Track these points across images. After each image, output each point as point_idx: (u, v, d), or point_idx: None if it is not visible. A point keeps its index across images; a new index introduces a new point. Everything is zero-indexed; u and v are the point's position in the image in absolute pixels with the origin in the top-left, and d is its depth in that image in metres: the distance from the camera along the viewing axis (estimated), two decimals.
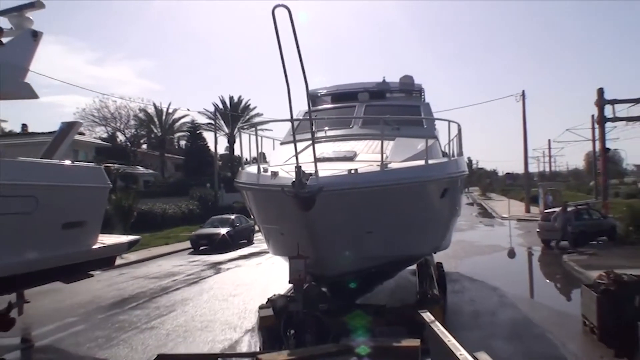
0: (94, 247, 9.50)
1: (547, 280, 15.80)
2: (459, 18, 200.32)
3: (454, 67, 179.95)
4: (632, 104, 31.70)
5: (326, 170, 6.64)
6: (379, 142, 7.94)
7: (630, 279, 9.01)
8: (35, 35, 9.04)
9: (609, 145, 34.08)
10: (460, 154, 10.13)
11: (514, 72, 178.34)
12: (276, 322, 7.12)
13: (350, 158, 8.04)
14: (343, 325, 6.96)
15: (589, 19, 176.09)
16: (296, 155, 6.24)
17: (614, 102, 32.10)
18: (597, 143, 36.59)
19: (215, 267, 18.70)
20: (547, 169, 73.96)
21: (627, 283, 8.78)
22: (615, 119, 32.87)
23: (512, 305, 11.70)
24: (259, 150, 8.59)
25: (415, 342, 5.42)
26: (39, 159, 9.09)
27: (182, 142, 63.18)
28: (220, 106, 54.98)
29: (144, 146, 60.71)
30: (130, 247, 11.37)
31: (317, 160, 6.37)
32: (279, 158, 8.57)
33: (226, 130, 55.98)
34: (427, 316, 5.51)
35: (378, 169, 7.08)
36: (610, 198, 39.29)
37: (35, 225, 7.95)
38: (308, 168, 6.28)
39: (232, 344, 9.10)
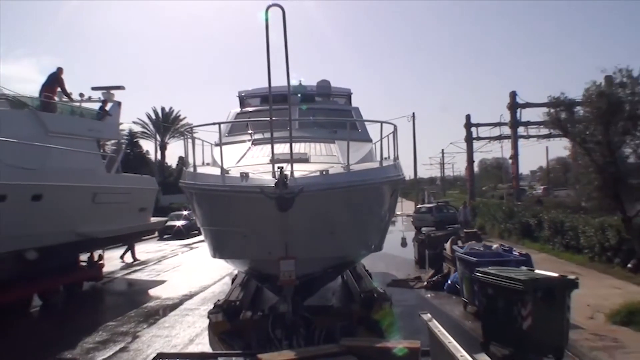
0: (149, 222, 16.83)
1: (411, 248, 24.60)
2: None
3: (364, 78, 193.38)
4: (492, 126, 43.33)
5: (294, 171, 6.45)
6: (320, 144, 8.82)
7: (434, 235, 17.82)
8: (119, 105, 16.13)
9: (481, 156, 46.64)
10: (397, 157, 9.61)
11: (426, 87, 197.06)
12: (229, 326, 7.25)
13: (306, 160, 8.01)
14: (329, 325, 7.21)
15: (468, 52, 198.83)
16: (272, 156, 6.27)
17: (478, 125, 44.01)
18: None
19: (188, 247, 25.98)
20: (446, 174, 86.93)
21: (429, 236, 17.54)
22: (479, 139, 45.07)
23: (384, 259, 20.06)
24: (221, 152, 7.36)
25: (416, 343, 5.39)
26: (134, 175, 16.35)
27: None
28: (153, 116, 61.12)
29: None
30: (165, 223, 18.74)
31: (274, 161, 6.22)
32: (221, 159, 7.66)
33: (158, 138, 62.07)
34: (427, 317, 5.41)
35: (342, 170, 7.11)
36: (488, 199, 51.02)
37: (129, 207, 15.17)
38: (261, 169, 6.76)
39: (228, 273, 16.71)
